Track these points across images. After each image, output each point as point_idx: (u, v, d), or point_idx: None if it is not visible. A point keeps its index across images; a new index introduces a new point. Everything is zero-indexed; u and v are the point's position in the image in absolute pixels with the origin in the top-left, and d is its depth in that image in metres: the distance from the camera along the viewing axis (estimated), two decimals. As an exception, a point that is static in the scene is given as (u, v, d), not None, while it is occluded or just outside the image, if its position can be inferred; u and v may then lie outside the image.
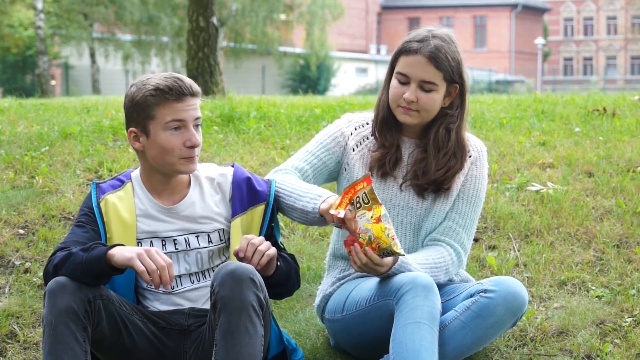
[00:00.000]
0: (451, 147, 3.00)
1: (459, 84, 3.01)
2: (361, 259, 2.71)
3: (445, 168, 2.99)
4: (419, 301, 2.69)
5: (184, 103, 2.73)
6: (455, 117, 3.02)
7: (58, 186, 4.57)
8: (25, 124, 6.12)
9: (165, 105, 2.72)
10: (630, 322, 3.29)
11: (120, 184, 2.87)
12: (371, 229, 2.67)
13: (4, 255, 3.89)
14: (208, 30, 8.23)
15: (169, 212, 2.82)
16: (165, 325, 2.76)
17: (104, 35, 30.67)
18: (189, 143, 2.74)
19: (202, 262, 2.84)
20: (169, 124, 2.73)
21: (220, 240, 2.85)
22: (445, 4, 56.25)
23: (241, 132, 5.73)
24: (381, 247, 2.69)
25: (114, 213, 2.80)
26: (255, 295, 2.52)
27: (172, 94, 2.72)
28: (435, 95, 2.96)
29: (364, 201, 2.67)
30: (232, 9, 31.43)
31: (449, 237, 3.00)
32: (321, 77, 36.77)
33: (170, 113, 2.73)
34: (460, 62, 3.01)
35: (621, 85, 49.23)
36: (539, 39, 49.03)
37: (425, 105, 2.96)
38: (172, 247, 2.82)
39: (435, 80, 2.94)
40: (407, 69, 2.96)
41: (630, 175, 4.61)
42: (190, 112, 2.74)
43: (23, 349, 3.28)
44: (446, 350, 2.79)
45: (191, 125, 2.75)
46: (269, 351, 2.79)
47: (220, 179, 2.90)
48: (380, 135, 3.05)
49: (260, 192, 2.87)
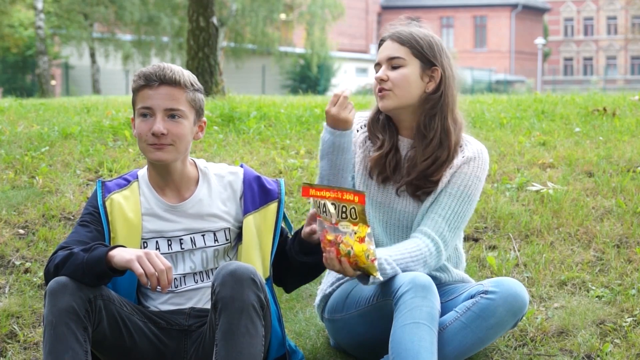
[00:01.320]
0: (435, 134, 2.96)
1: (440, 68, 2.97)
2: (334, 266, 2.66)
3: (432, 158, 2.95)
4: (417, 301, 2.69)
5: (155, 91, 2.71)
6: (438, 105, 2.97)
7: (58, 186, 4.57)
8: (25, 124, 6.12)
9: (141, 91, 2.74)
10: (630, 322, 3.29)
11: (126, 183, 2.86)
12: (353, 247, 2.62)
13: (4, 255, 3.89)
14: (208, 30, 8.23)
15: (175, 209, 2.81)
16: (166, 325, 2.76)
17: (104, 35, 30.67)
18: (152, 130, 2.71)
19: (207, 262, 2.83)
20: (140, 111, 2.75)
21: (226, 239, 2.84)
22: (445, 4, 56.23)
23: (241, 132, 5.74)
24: (358, 265, 2.65)
25: (119, 213, 2.79)
26: (255, 296, 2.51)
27: (143, 80, 2.73)
28: (404, 70, 2.95)
29: (351, 215, 2.60)
30: (232, 9, 31.43)
31: (427, 226, 2.93)
32: (321, 77, 36.76)
33: (141, 99, 2.74)
34: (435, 46, 2.98)
35: (621, 85, 49.23)
36: (539, 39, 49.03)
37: (396, 81, 2.94)
38: (178, 247, 2.81)
39: (399, 55, 2.95)
40: (378, 56, 3.01)
41: (631, 175, 4.61)
42: (158, 101, 2.71)
43: (23, 349, 3.28)
44: (446, 351, 2.79)
45: (160, 115, 2.71)
46: (269, 353, 2.79)
47: (231, 177, 2.88)
48: (373, 135, 3.03)
49: (271, 190, 2.86)
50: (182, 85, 2.73)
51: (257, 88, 31.91)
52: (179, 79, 2.72)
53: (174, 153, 2.75)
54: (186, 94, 2.74)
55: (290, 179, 4.72)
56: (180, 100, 2.73)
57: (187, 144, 2.79)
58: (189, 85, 2.75)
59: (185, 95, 2.74)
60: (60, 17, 28.74)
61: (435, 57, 2.97)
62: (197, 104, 2.79)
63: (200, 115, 2.83)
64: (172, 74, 2.72)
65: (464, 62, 47.38)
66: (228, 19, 31.15)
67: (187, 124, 2.76)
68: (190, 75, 2.79)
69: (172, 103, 2.72)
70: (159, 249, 2.79)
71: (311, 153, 5.30)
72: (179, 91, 2.73)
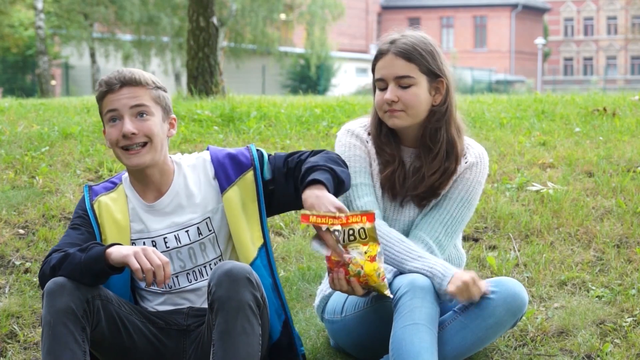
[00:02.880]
0: (441, 146, 2.91)
1: (444, 79, 2.91)
2: (342, 286, 2.65)
3: (440, 171, 2.91)
4: (417, 303, 2.69)
5: (117, 93, 2.74)
6: (444, 116, 2.92)
7: (58, 186, 4.57)
8: (25, 124, 6.12)
9: (105, 98, 2.77)
10: (630, 322, 3.29)
11: (112, 186, 2.87)
12: (363, 266, 2.60)
13: (4, 255, 3.89)
14: (208, 30, 8.23)
15: (153, 208, 2.81)
16: (165, 325, 2.76)
17: (104, 35, 30.67)
18: (122, 132, 2.72)
19: (195, 257, 2.82)
20: (107, 116, 2.77)
21: (209, 230, 2.83)
22: (445, 4, 56.24)
23: (241, 132, 5.73)
24: (369, 284, 2.64)
25: (107, 214, 2.80)
26: (251, 295, 2.51)
27: (105, 86, 2.75)
28: (415, 89, 2.87)
29: (360, 236, 2.58)
30: (232, 9, 31.42)
31: (423, 231, 2.93)
32: (321, 77, 36.75)
33: (106, 105, 2.76)
34: (437, 55, 2.90)
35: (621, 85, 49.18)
36: (539, 39, 49.03)
37: (408, 102, 2.87)
38: (163, 246, 2.81)
39: (409, 73, 2.86)
40: (381, 72, 2.90)
41: (631, 175, 4.61)
42: (123, 101, 2.73)
43: (23, 349, 3.28)
44: (446, 350, 2.79)
45: (127, 115, 2.73)
46: (271, 338, 2.79)
47: (199, 162, 2.88)
48: (381, 152, 2.96)
49: (242, 161, 2.84)
50: (143, 83, 2.77)
51: (257, 88, 31.89)
52: (139, 78, 2.76)
53: (150, 154, 2.76)
54: (149, 91, 2.77)
55: (290, 179, 4.71)
56: (143, 97, 2.76)
57: (161, 141, 2.79)
58: (150, 82, 2.78)
59: (148, 93, 2.77)
60: (60, 17, 28.73)
61: (439, 67, 2.90)
62: (162, 100, 2.81)
63: (169, 112, 2.85)
64: (131, 75, 2.76)
65: (464, 62, 47.38)
66: (228, 19, 31.15)
67: (156, 121, 2.78)
68: (151, 75, 2.82)
69: (136, 100, 2.74)
70: None
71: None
72: (141, 89, 2.76)
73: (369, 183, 2.96)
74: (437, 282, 2.75)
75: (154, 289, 2.83)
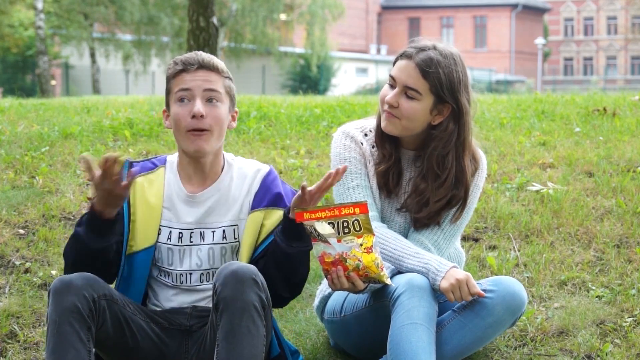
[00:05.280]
0: (450, 174, 2.88)
1: (453, 105, 2.86)
2: (342, 284, 2.66)
3: (446, 199, 2.90)
4: (415, 302, 2.69)
5: (192, 74, 2.75)
6: (451, 142, 2.87)
7: (58, 186, 4.57)
8: (25, 124, 6.12)
9: (177, 77, 2.77)
10: (630, 322, 3.29)
11: (153, 166, 2.86)
12: (361, 258, 2.61)
13: (4, 255, 3.89)
14: (208, 30, 8.23)
15: (193, 199, 2.80)
16: (168, 325, 2.76)
17: (104, 35, 30.68)
18: (192, 112, 2.72)
19: (213, 260, 2.82)
20: (177, 95, 2.76)
21: (234, 238, 2.82)
22: (446, 4, 56.23)
23: (241, 132, 5.74)
24: (369, 276, 2.65)
25: (140, 195, 2.80)
26: (257, 296, 2.51)
27: (181, 65, 2.76)
28: (417, 104, 2.84)
29: (354, 228, 2.59)
30: (232, 9, 31.43)
31: (422, 235, 2.93)
32: (321, 77, 36.77)
33: (179, 83, 2.76)
34: (457, 83, 2.84)
35: (621, 85, 49.20)
36: (539, 39, 49.04)
37: (405, 113, 2.84)
38: (187, 241, 2.80)
39: (418, 89, 2.83)
40: (396, 72, 2.88)
41: (631, 175, 4.61)
42: (198, 82, 2.74)
43: (23, 349, 3.27)
44: (445, 350, 2.79)
45: (199, 97, 2.74)
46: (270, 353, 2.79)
47: (252, 173, 2.87)
48: (380, 145, 2.96)
49: (284, 199, 2.83)
50: (220, 70, 2.79)
51: (257, 88, 31.90)
52: (217, 64, 2.78)
53: (212, 141, 2.76)
54: (223, 79, 2.80)
55: (291, 179, 4.72)
56: (217, 84, 2.77)
57: (223, 131, 2.80)
58: (225, 71, 2.81)
59: (222, 81, 2.79)
60: (60, 17, 28.74)
61: (452, 95, 2.84)
62: (231, 90, 2.84)
63: (234, 104, 2.87)
64: (210, 59, 2.78)
65: (464, 62, 47.29)
66: (228, 19, 31.16)
67: (224, 109, 2.80)
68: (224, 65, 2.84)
69: (211, 84, 2.76)
70: (170, 239, 2.80)
71: (311, 153, 5.31)
72: (216, 75, 2.78)
73: (366, 185, 2.95)
74: (431, 277, 2.76)
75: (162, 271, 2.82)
